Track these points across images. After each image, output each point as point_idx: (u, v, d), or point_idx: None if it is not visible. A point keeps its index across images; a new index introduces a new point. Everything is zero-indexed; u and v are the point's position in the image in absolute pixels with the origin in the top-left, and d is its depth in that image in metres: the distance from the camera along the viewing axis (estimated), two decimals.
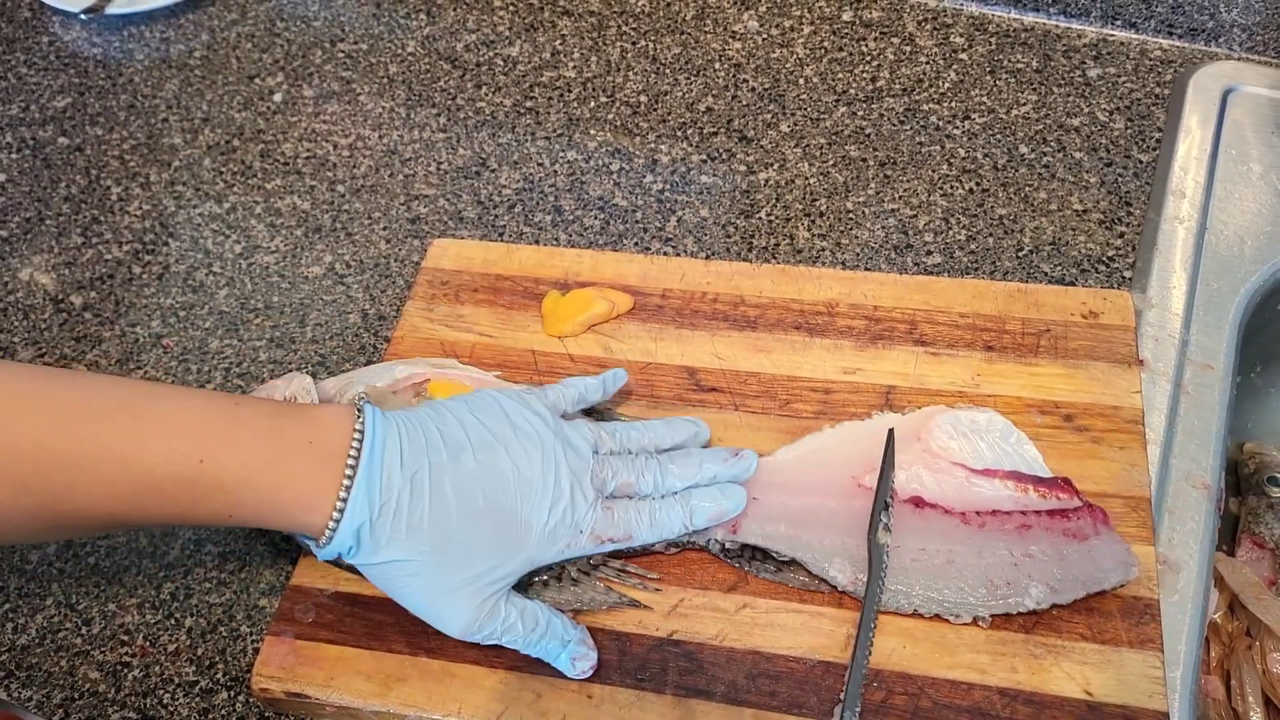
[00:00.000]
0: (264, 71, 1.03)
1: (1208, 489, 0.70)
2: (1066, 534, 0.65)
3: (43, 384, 0.57)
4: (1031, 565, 0.64)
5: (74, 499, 0.56)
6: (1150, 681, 0.61)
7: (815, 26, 1.02)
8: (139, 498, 0.57)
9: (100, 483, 0.56)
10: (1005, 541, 0.65)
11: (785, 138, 0.93)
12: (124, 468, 0.56)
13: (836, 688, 0.62)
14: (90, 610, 0.71)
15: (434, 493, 0.59)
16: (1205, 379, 0.75)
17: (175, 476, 0.57)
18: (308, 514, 0.58)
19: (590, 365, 0.77)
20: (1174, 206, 0.84)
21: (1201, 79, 0.93)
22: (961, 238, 0.84)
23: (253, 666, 0.66)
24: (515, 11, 1.06)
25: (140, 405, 0.58)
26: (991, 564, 0.64)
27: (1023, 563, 0.64)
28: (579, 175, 0.92)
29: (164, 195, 0.94)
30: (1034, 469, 0.68)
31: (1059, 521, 0.65)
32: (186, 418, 0.58)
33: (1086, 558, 0.64)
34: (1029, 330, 0.76)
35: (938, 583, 0.64)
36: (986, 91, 0.94)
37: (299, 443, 0.59)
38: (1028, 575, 0.63)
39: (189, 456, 0.57)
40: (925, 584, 0.64)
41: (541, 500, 0.61)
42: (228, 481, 0.57)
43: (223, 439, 0.58)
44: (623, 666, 0.64)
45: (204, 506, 0.58)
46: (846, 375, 0.75)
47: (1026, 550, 0.64)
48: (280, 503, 0.58)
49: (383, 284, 0.86)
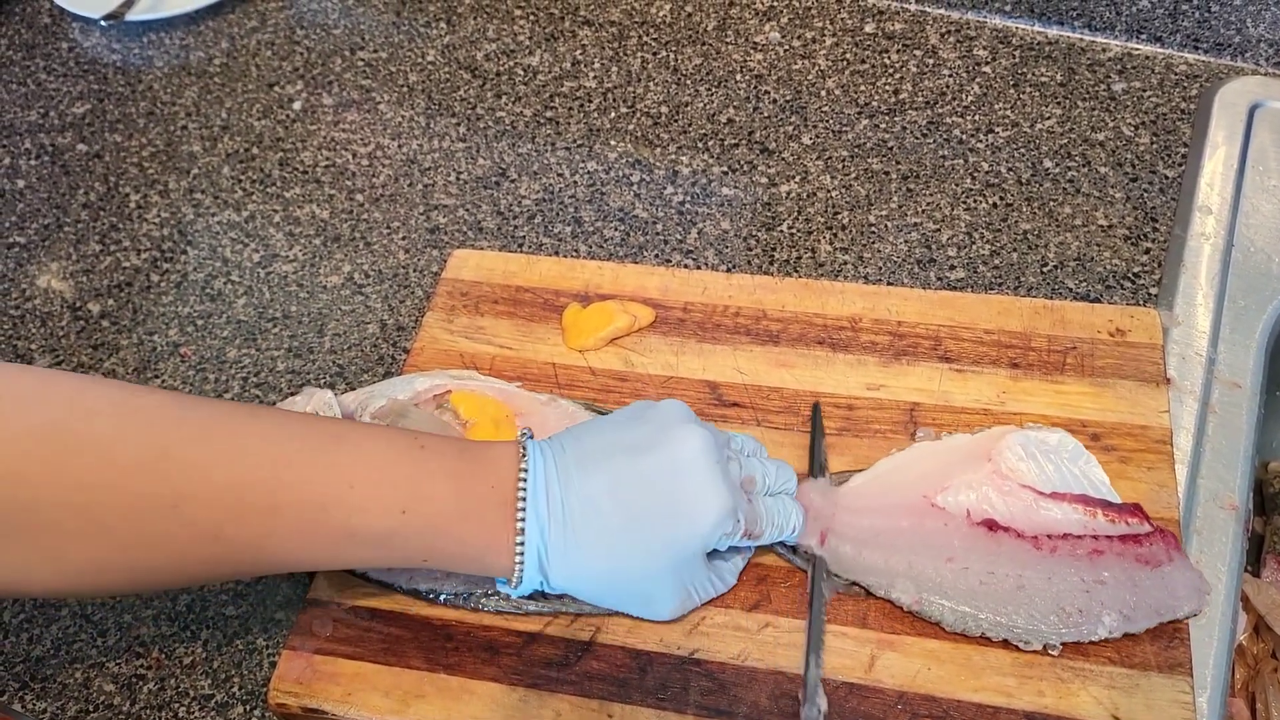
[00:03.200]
0: (284, 79, 1.03)
1: (1235, 510, 0.69)
2: (1139, 560, 0.63)
3: (225, 422, 0.56)
4: (1104, 592, 0.62)
5: (269, 547, 0.56)
6: (1179, 707, 0.60)
7: (837, 38, 1.01)
8: (335, 546, 0.57)
9: (299, 532, 0.56)
10: (1076, 567, 0.63)
11: (807, 150, 0.92)
12: (324, 517, 0.56)
13: (861, 710, 0.62)
14: (106, 621, 0.70)
15: (586, 509, 0.59)
16: (1233, 398, 0.74)
17: (375, 527, 0.57)
18: (497, 557, 0.59)
19: (611, 379, 0.77)
20: (1200, 223, 0.83)
21: (1228, 94, 0.92)
22: (985, 252, 0.83)
23: (269, 680, 0.65)
24: (536, 21, 1.06)
25: (327, 449, 0.57)
26: (1063, 590, 0.63)
27: (1095, 589, 0.62)
28: (599, 186, 0.91)
29: (183, 203, 0.93)
30: (1101, 492, 0.66)
31: (1131, 547, 0.64)
32: (381, 463, 0.57)
33: (1160, 585, 0.62)
34: (1055, 348, 0.75)
35: (1006, 607, 0.63)
36: (1010, 105, 0.94)
37: (484, 490, 0.59)
38: (1100, 603, 0.62)
39: (391, 507, 0.57)
40: (994, 608, 0.63)
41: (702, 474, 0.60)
42: (426, 531, 0.57)
43: (419, 488, 0.58)
44: (644, 686, 0.64)
45: (399, 553, 0.58)
46: (870, 391, 0.74)
47: (1099, 576, 0.63)
48: (472, 549, 0.59)
49: (401, 294, 0.85)
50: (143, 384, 0.81)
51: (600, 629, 0.66)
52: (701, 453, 0.60)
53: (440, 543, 0.58)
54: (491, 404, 0.73)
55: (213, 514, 0.54)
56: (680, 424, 0.62)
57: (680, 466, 0.60)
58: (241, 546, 0.55)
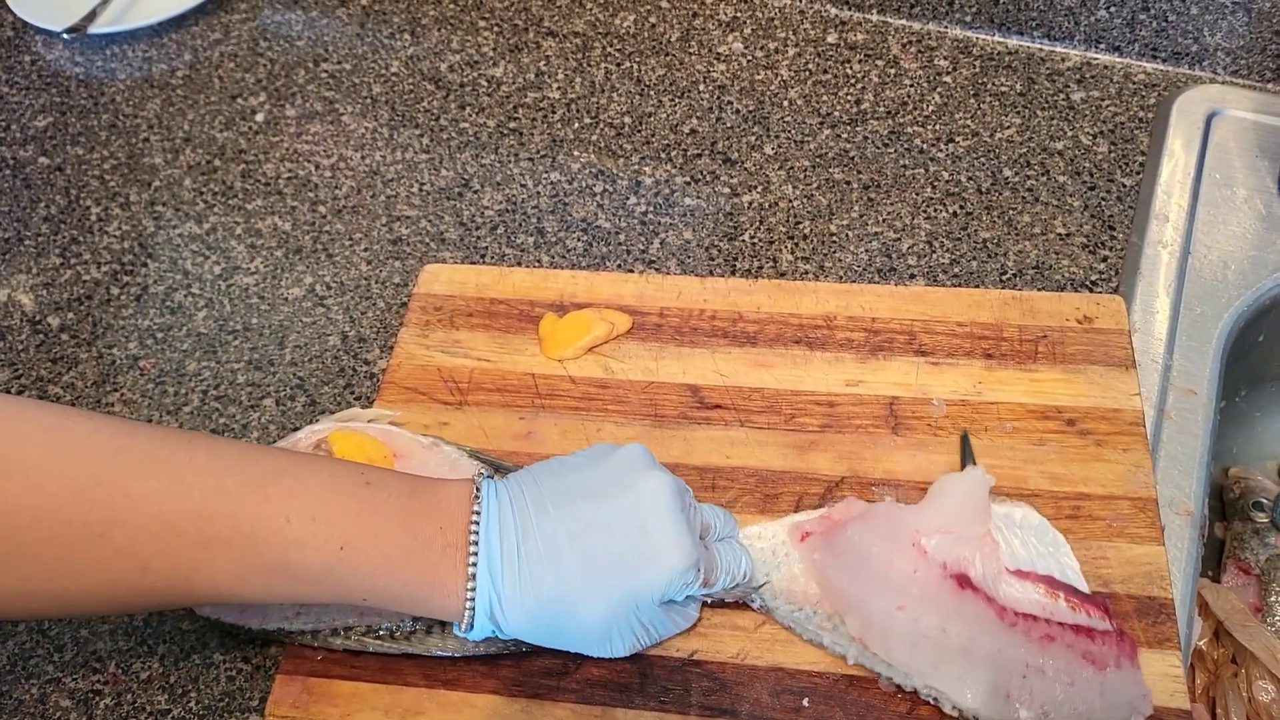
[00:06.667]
0: (247, 91, 1.02)
1: (1191, 516, 0.70)
2: (1086, 657, 0.60)
3: (161, 451, 0.55)
4: (1038, 682, 0.59)
5: (199, 580, 0.55)
6: (1171, 680, 0.61)
7: (800, 49, 1.01)
8: (270, 580, 0.56)
9: (228, 565, 0.55)
10: (1025, 649, 0.60)
11: (769, 160, 0.92)
12: (256, 551, 0.55)
13: (861, 700, 0.62)
14: (63, 637, 0.70)
15: (545, 555, 0.58)
16: (1188, 404, 0.75)
17: (311, 563, 0.55)
18: (445, 600, 0.58)
19: (592, 387, 0.77)
20: (1157, 230, 0.84)
21: (1185, 103, 0.93)
22: (945, 261, 0.84)
23: (226, 695, 0.65)
24: (500, 32, 1.06)
25: (265, 482, 0.56)
26: (1004, 667, 0.60)
27: (1031, 677, 0.59)
28: (562, 197, 0.91)
29: (144, 216, 0.93)
30: (1068, 576, 0.64)
31: (1082, 641, 0.61)
32: (321, 498, 0.56)
33: (1097, 689, 0.59)
34: (1026, 337, 0.77)
35: (939, 667, 0.60)
36: (970, 114, 0.94)
37: (431, 531, 0.58)
38: (1029, 692, 0.59)
39: (328, 544, 0.55)
40: (929, 662, 0.61)
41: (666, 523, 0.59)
42: (365, 570, 0.56)
43: (361, 525, 0.56)
44: (645, 690, 0.64)
45: (339, 591, 0.57)
46: (849, 388, 0.75)
47: (1040, 664, 0.60)
48: (417, 591, 0.58)
49: (363, 306, 0.85)
50: (95, 401, 0.81)
51: None
52: (666, 503, 0.59)
53: (382, 582, 0.57)
54: (370, 444, 0.72)
55: (142, 544, 0.53)
56: (644, 470, 0.61)
57: (644, 515, 0.59)
58: (170, 578, 0.54)
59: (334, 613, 0.65)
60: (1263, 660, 0.75)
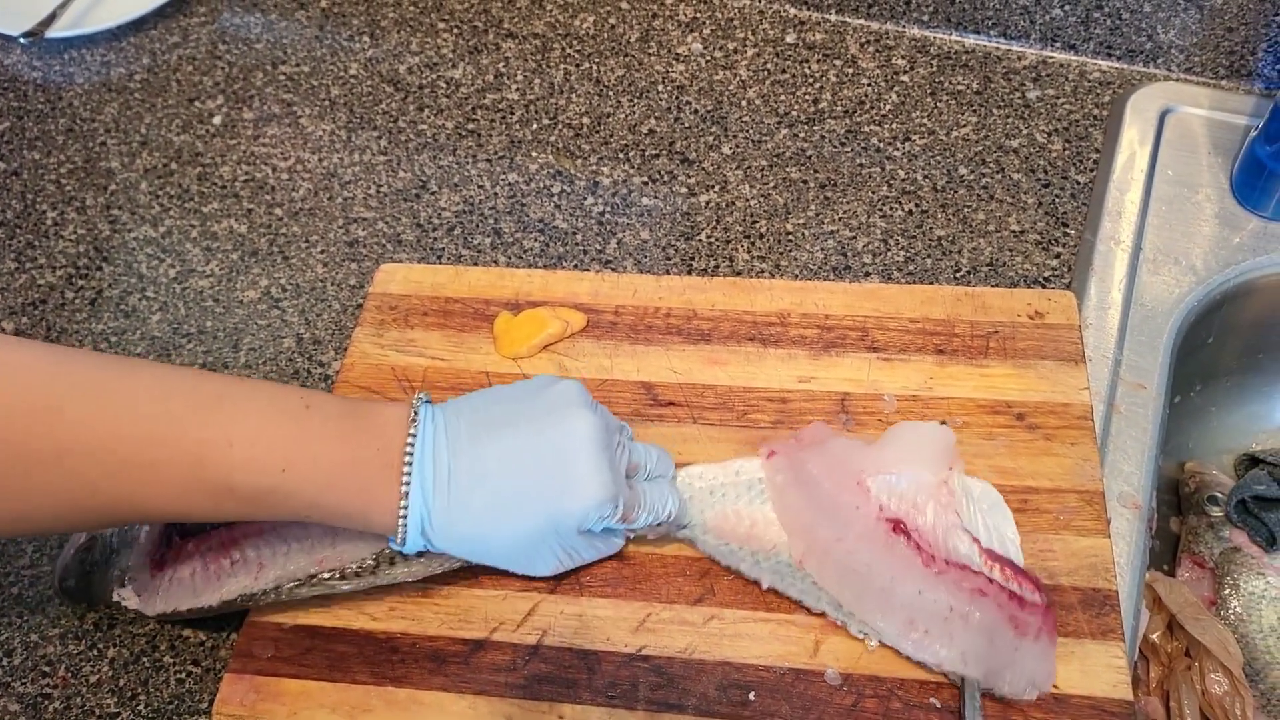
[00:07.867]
0: (204, 94, 1.02)
1: (1139, 509, 0.70)
2: (1011, 621, 0.62)
3: (98, 373, 0.56)
4: (959, 627, 0.62)
5: (144, 501, 0.57)
6: (1114, 671, 0.62)
7: (759, 49, 1.02)
8: (216, 501, 0.58)
9: (174, 486, 0.57)
10: (952, 595, 0.62)
11: (727, 160, 0.93)
12: (200, 473, 0.56)
13: (808, 694, 0.63)
14: (12, 641, 0.69)
15: (474, 477, 0.60)
16: (1138, 399, 0.75)
17: (254, 484, 0.57)
18: (381, 517, 0.60)
19: None
20: (1110, 227, 0.84)
21: (1139, 100, 0.93)
22: (900, 259, 0.84)
23: (176, 698, 0.65)
24: (459, 34, 1.06)
25: (208, 406, 0.57)
26: (924, 606, 0.62)
27: (954, 620, 0.62)
28: (519, 197, 0.91)
29: (99, 219, 0.93)
30: (1009, 551, 0.66)
31: (1013, 605, 0.62)
32: (263, 421, 0.58)
33: (1011, 652, 0.61)
34: (978, 333, 0.77)
35: (862, 599, 0.63)
36: (927, 113, 0.94)
37: (369, 450, 0.60)
38: (950, 634, 0.62)
39: (269, 466, 0.57)
40: (855, 594, 0.64)
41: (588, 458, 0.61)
42: (307, 489, 0.58)
43: (301, 448, 0.58)
44: (593, 685, 0.64)
45: (282, 509, 0.59)
46: (802, 384, 0.76)
47: (966, 611, 0.62)
48: (355, 508, 0.60)
49: (319, 308, 0.85)
50: None
51: (547, 632, 0.66)
52: (590, 438, 0.62)
53: (322, 499, 0.59)
54: None
55: (89, 468, 0.55)
56: (576, 406, 0.63)
57: (569, 448, 0.61)
58: (117, 499, 0.56)
59: (294, 564, 0.65)
60: (1215, 653, 0.75)
